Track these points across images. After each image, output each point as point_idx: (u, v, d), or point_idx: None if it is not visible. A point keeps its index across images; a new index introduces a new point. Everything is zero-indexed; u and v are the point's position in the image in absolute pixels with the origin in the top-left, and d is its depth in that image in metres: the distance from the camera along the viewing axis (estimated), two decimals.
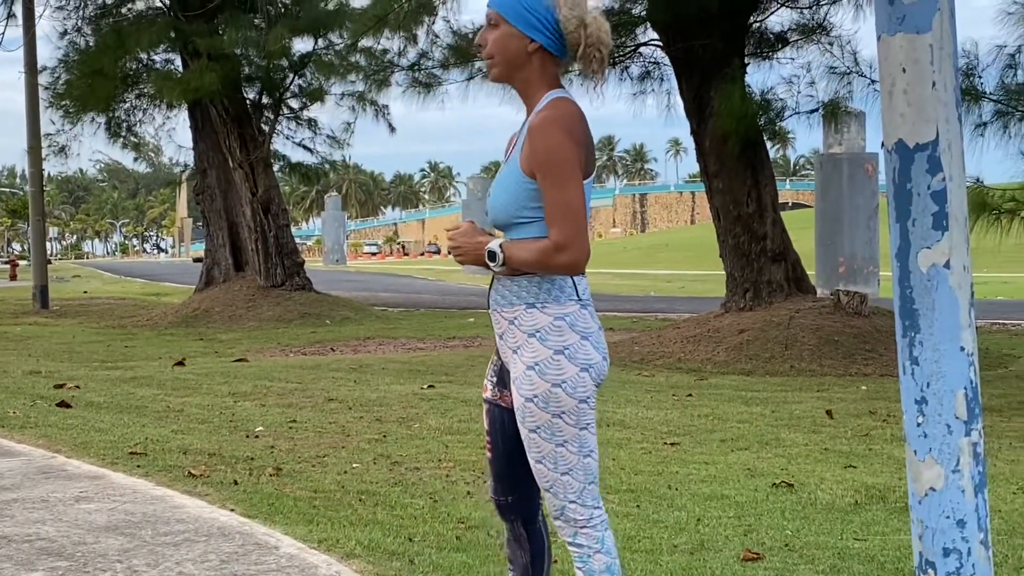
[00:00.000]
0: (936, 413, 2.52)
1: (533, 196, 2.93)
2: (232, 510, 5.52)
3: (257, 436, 7.73)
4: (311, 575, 4.39)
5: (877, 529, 5.21)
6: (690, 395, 10.06)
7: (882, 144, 2.60)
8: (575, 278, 2.99)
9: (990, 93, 10.39)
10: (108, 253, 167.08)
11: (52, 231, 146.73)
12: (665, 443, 7.52)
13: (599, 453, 3.10)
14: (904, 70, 2.51)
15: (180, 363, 12.78)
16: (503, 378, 3.15)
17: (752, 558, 4.68)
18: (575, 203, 2.89)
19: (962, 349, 2.51)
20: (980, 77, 10.52)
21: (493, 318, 3.08)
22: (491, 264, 2.98)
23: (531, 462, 3.02)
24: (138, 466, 6.64)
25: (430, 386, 10.37)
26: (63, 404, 9.14)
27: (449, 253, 3.06)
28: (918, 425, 2.54)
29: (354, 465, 6.69)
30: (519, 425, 3.02)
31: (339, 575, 4.39)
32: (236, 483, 6.14)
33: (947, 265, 2.50)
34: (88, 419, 8.45)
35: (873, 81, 12.46)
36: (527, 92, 3.02)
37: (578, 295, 2.98)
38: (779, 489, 6.05)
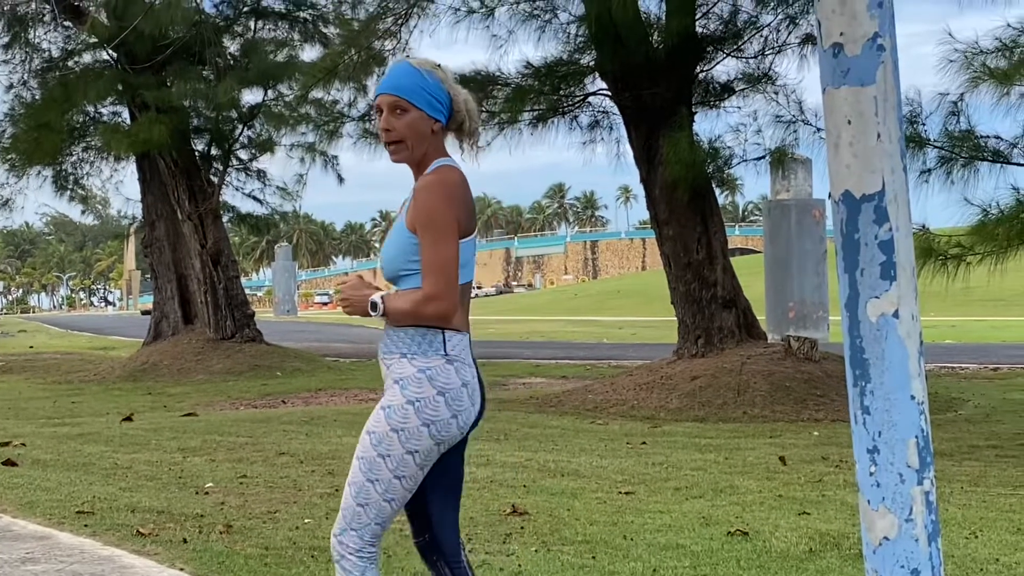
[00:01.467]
0: (888, 462, 2.52)
1: (416, 250, 3.20)
2: (182, 569, 5.43)
3: (207, 492, 7.63)
4: None
5: None
6: (644, 443, 10.06)
7: (829, 195, 2.62)
8: (446, 334, 3.20)
9: (934, 140, 10.55)
10: (55, 307, 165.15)
11: None
12: (620, 492, 7.49)
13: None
14: (849, 122, 2.54)
15: (128, 419, 12.61)
16: None
17: None
18: (447, 259, 3.15)
19: (912, 398, 2.52)
20: (924, 124, 10.67)
21: (380, 364, 3.32)
22: (373, 314, 3.23)
23: (346, 482, 3.26)
24: (85, 525, 6.52)
25: None
26: (9, 462, 8.97)
27: (337, 305, 3.24)
28: (871, 474, 2.54)
29: (306, 520, 6.61)
30: (357, 448, 3.25)
31: None
32: (186, 541, 6.04)
33: (896, 315, 2.52)
34: (34, 478, 8.29)
35: (819, 129, 12.62)
36: (423, 163, 3.29)
37: (445, 351, 3.19)
38: (734, 537, 6.04)
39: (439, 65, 3.32)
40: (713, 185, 14.48)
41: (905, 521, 2.51)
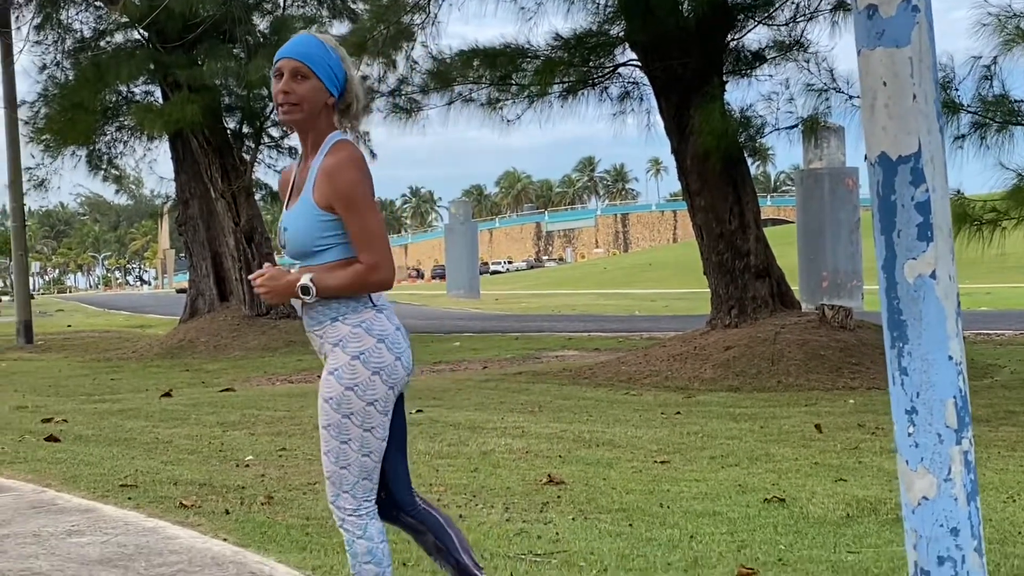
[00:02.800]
0: (927, 423, 2.54)
1: (327, 227, 3.33)
2: (225, 540, 5.50)
3: (247, 465, 7.72)
4: None
5: (869, 541, 5.23)
6: (678, 413, 10.08)
7: (865, 157, 2.62)
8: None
9: (967, 105, 10.47)
10: (91, 286, 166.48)
11: (34, 266, 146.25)
12: (655, 461, 7.52)
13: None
14: (884, 84, 2.54)
15: (167, 394, 12.74)
16: None
17: (747, 574, 4.69)
18: (379, 228, 3.32)
19: (950, 358, 2.54)
20: (957, 90, 10.60)
21: (310, 339, 3.46)
22: (305, 297, 3.34)
23: (321, 453, 3.43)
24: (129, 498, 6.62)
25: (418, 411, 10.36)
26: (51, 438, 9.10)
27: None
28: (909, 435, 2.56)
29: None
30: (319, 420, 3.40)
31: None
32: (228, 512, 6.12)
33: (933, 275, 2.53)
34: (77, 452, 8.41)
35: (851, 97, 12.54)
36: (316, 138, 3.41)
37: (373, 302, 3.38)
38: (771, 504, 6.06)
39: (339, 45, 3.47)
40: (745, 154, 14.42)
41: (944, 481, 2.53)
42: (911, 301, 2.54)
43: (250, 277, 3.42)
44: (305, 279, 3.32)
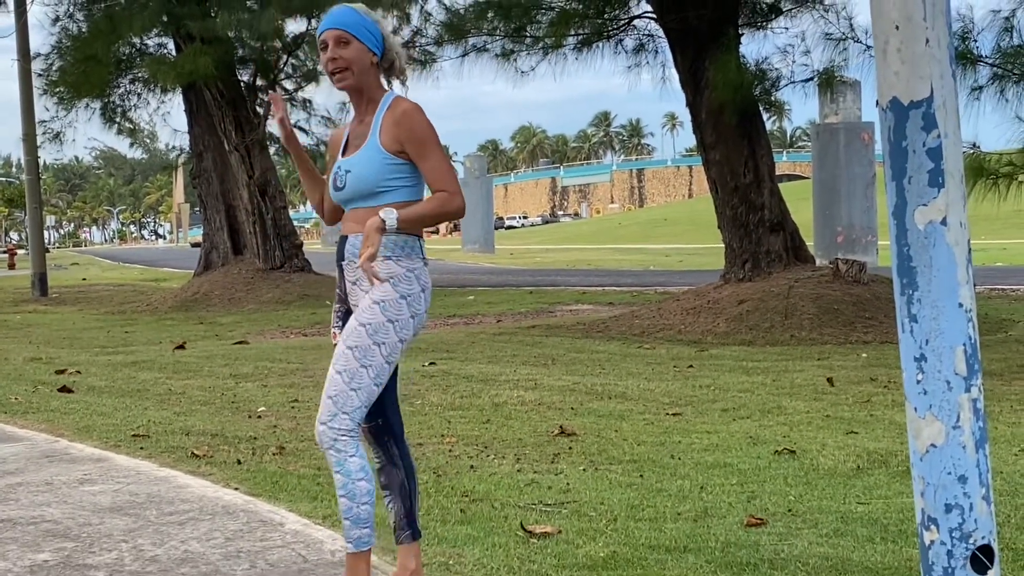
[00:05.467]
0: (935, 370, 2.52)
1: (393, 170, 3.64)
2: (236, 489, 5.53)
3: (259, 416, 7.75)
4: (316, 550, 4.41)
5: (880, 493, 5.23)
6: (691, 366, 10.08)
7: (876, 103, 2.59)
8: (421, 242, 3.70)
9: (986, 57, 10.36)
10: (105, 240, 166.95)
11: (49, 219, 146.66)
12: (667, 414, 7.53)
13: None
14: (897, 27, 2.50)
15: (180, 347, 12.79)
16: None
17: (756, 524, 4.70)
18: (450, 165, 3.68)
19: (960, 305, 2.51)
20: (976, 41, 10.48)
21: (348, 268, 3.73)
22: (388, 230, 3.53)
23: (331, 370, 3.63)
24: (141, 448, 6.66)
25: (431, 363, 10.38)
26: (65, 389, 9.15)
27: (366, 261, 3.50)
28: (918, 382, 2.54)
29: None
30: (340, 342, 3.64)
31: (345, 550, 4.39)
32: (239, 462, 6.15)
33: (944, 222, 2.50)
34: (90, 403, 8.46)
35: (869, 47, 12.42)
36: (369, 95, 3.72)
37: (423, 255, 3.71)
38: (781, 456, 6.06)
39: (372, 10, 3.76)
40: (760, 108, 14.31)
41: (952, 428, 2.51)
42: (921, 248, 2.51)
43: (360, 265, 3.49)
44: (381, 215, 3.51)
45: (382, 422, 3.79)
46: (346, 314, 3.78)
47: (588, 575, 4.08)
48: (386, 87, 3.78)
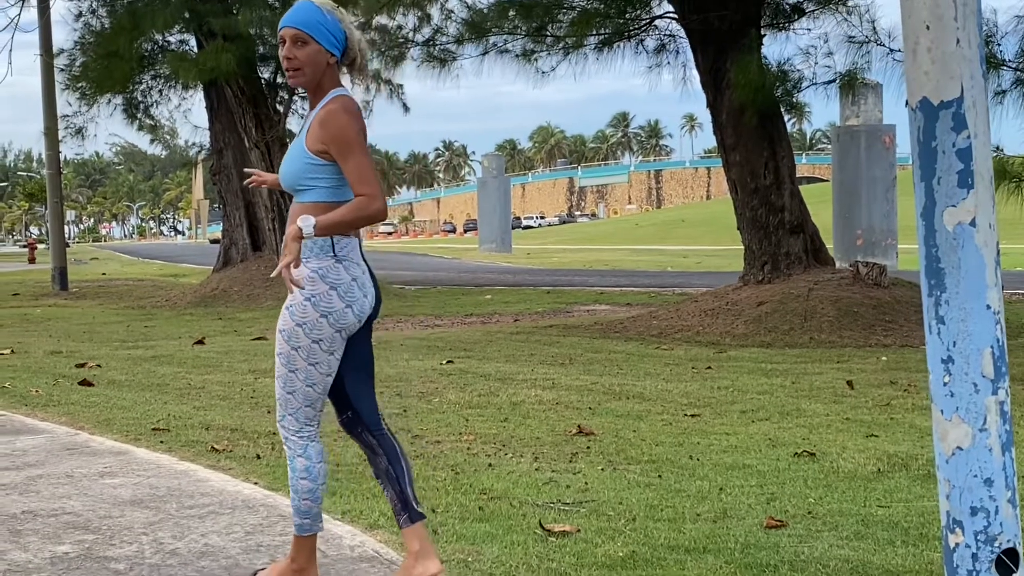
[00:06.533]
0: (963, 372, 2.51)
1: (313, 170, 3.68)
2: (256, 483, 5.55)
3: None
4: (336, 545, 4.41)
5: (900, 496, 5.21)
6: (709, 367, 10.06)
7: (906, 103, 2.58)
8: (334, 238, 3.66)
9: (1009, 61, 10.31)
10: (125, 236, 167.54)
11: (69, 214, 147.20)
12: (685, 415, 7.52)
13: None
14: (928, 27, 2.50)
15: (200, 342, 12.82)
16: None
17: (776, 525, 4.68)
18: (371, 167, 3.66)
19: (988, 307, 2.50)
20: (1000, 44, 10.43)
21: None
22: (305, 237, 3.55)
23: (275, 376, 3.76)
24: (161, 442, 6.68)
25: (449, 361, 10.39)
26: (85, 383, 9.18)
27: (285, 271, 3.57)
28: (944, 384, 2.53)
29: None
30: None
31: (363, 545, 4.41)
32: (259, 457, 6.17)
33: (973, 223, 2.49)
34: (110, 397, 8.49)
35: (892, 50, 12.38)
36: (319, 93, 3.74)
37: (334, 252, 3.68)
38: (801, 458, 6.04)
39: (338, 7, 3.78)
40: (781, 110, 14.28)
41: (979, 431, 2.51)
42: (950, 249, 2.50)
43: (276, 273, 3.56)
44: (299, 222, 3.54)
45: (351, 415, 3.88)
46: None
47: (607, 574, 4.07)
48: (343, 82, 3.80)
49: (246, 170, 4.13)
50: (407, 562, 3.82)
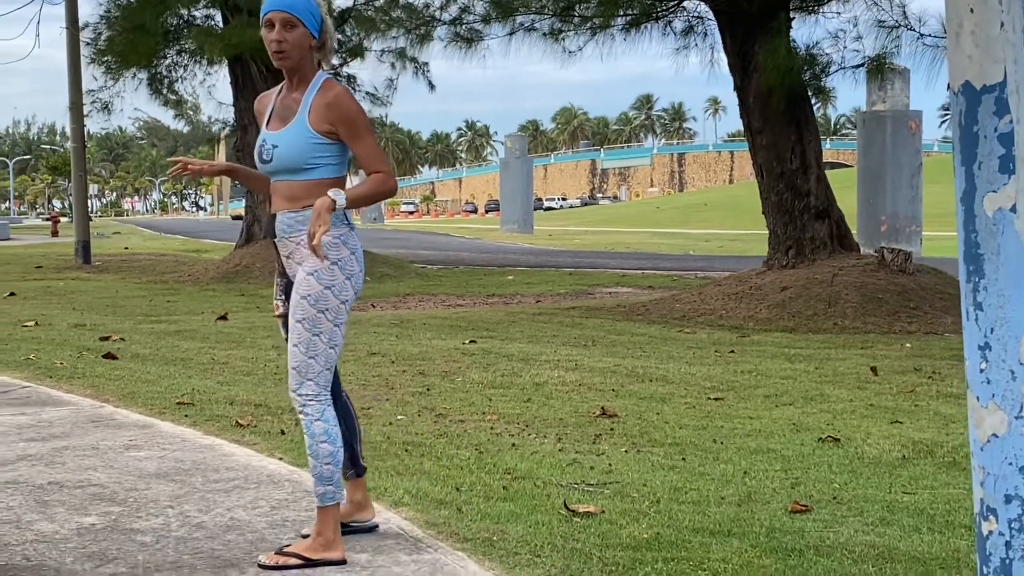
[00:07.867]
0: (1000, 359, 2.48)
1: (320, 148, 3.90)
2: (280, 459, 5.56)
3: None
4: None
5: (925, 483, 5.19)
6: (732, 351, 10.03)
7: (948, 86, 2.55)
8: (347, 211, 3.90)
9: None
10: (147, 211, 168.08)
11: (92, 188, 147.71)
12: (709, 398, 7.50)
13: None
14: (972, 10, 2.46)
15: (223, 317, 12.86)
16: (290, 294, 4.03)
17: (800, 510, 4.67)
18: (380, 147, 3.98)
19: None
20: None
21: (281, 244, 4.07)
22: (336, 208, 3.79)
23: (289, 345, 3.94)
24: (186, 416, 6.70)
25: (472, 341, 10.39)
26: (109, 356, 9.22)
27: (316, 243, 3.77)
28: (981, 371, 2.51)
29: (399, 417, 6.73)
30: (290, 317, 3.94)
31: (388, 522, 4.42)
32: (283, 432, 6.19)
33: (1013, 209, 2.46)
34: (134, 370, 8.53)
35: (922, 35, 12.29)
36: (301, 74, 3.97)
37: (348, 220, 3.96)
38: (825, 443, 6.03)
39: None
40: (809, 94, 14.20)
41: (1015, 418, 2.48)
42: (989, 235, 2.48)
43: (312, 244, 3.76)
44: (330, 194, 3.77)
45: None
46: (287, 286, 4.11)
47: (632, 555, 4.07)
48: (315, 67, 4.00)
49: (169, 159, 4.32)
50: (347, 508, 4.18)
